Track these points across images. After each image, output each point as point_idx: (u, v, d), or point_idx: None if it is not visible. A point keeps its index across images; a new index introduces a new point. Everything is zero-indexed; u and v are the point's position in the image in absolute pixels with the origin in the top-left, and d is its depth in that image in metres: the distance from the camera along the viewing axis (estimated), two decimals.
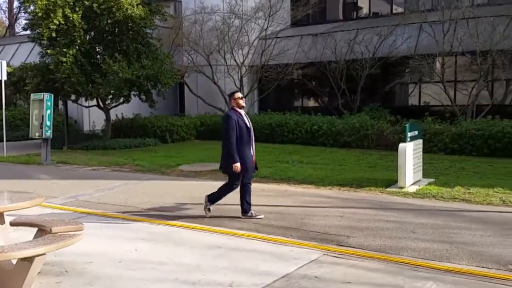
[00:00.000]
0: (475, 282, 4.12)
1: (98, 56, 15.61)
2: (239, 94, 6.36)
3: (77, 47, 14.42)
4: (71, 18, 14.02)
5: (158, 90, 15.44)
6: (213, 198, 6.41)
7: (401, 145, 8.12)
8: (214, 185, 8.83)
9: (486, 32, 13.83)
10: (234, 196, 7.75)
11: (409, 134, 8.19)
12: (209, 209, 6.42)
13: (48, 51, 14.53)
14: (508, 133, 11.50)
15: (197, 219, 6.34)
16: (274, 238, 5.47)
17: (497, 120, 12.30)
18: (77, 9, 14.25)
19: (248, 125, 6.24)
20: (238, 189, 6.38)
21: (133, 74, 14.13)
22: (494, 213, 6.51)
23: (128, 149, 14.86)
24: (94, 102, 16.31)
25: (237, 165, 6.06)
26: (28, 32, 17.21)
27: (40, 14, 13.94)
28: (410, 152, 8.17)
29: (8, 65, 14.96)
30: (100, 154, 13.76)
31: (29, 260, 3.80)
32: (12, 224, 4.69)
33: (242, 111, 6.31)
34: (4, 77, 13.76)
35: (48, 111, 12.04)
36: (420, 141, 8.93)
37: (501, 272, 4.34)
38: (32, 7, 14.46)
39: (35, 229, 4.53)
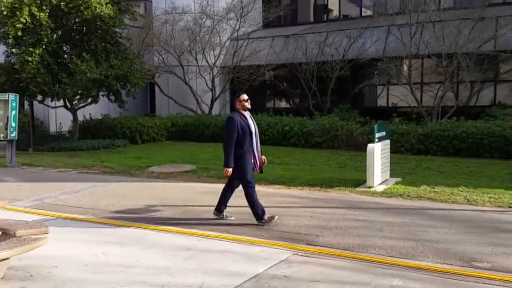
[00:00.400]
0: (440, 279, 4.24)
1: (66, 56, 15.29)
2: (244, 96, 6.14)
3: (43, 46, 14.08)
4: (38, 17, 13.68)
5: (127, 90, 15.24)
6: (259, 211, 6.05)
7: (370, 145, 8.26)
8: (185, 187, 8.82)
9: (452, 35, 14.23)
10: (204, 198, 7.73)
11: (377, 135, 8.35)
12: (267, 218, 6.03)
13: (14, 50, 14.13)
14: (472, 134, 11.85)
15: (167, 221, 6.28)
16: (245, 238, 5.47)
17: (461, 121, 12.65)
18: (44, 7, 13.92)
19: (252, 128, 6.01)
20: (223, 188, 6.36)
21: (102, 74, 13.91)
22: (459, 211, 6.70)
23: (96, 150, 14.60)
24: (61, 102, 15.97)
25: (229, 170, 5.89)
26: None
27: (5, 13, 13.55)
28: (378, 153, 8.32)
29: None
30: (67, 155, 13.47)
31: None
32: None
33: (247, 114, 6.12)
34: None
35: (14, 112, 11.70)
36: (388, 141, 9.11)
37: (465, 269, 4.47)
38: None
39: None
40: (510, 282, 4.14)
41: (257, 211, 6.05)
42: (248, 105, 6.14)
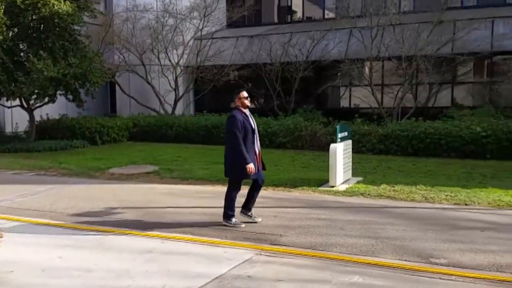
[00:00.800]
0: (399, 275, 4.33)
1: (22, 54, 14.71)
2: (245, 94, 6.01)
3: None
4: None
5: (86, 89, 14.82)
6: (229, 212, 5.96)
7: (332, 145, 8.37)
8: (147, 188, 8.66)
9: (411, 38, 14.63)
10: (167, 200, 7.62)
11: (339, 135, 8.47)
12: (234, 223, 5.94)
13: None
14: (430, 134, 12.20)
15: (127, 224, 6.14)
16: (208, 239, 5.43)
17: (420, 122, 12.98)
18: None
19: (253, 126, 5.94)
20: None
21: (59, 73, 13.49)
22: (417, 209, 6.89)
23: (53, 151, 14.12)
24: (17, 102, 15.38)
25: (251, 166, 5.71)
26: None
27: None
28: (341, 153, 8.45)
29: None
30: (23, 157, 12.97)
31: None
32: None
33: (247, 111, 6.02)
34: None
35: None
36: (350, 141, 9.25)
37: (422, 265, 4.59)
38: None
39: None
40: (466, 277, 4.28)
41: (227, 212, 6.00)
42: (248, 102, 6.03)
